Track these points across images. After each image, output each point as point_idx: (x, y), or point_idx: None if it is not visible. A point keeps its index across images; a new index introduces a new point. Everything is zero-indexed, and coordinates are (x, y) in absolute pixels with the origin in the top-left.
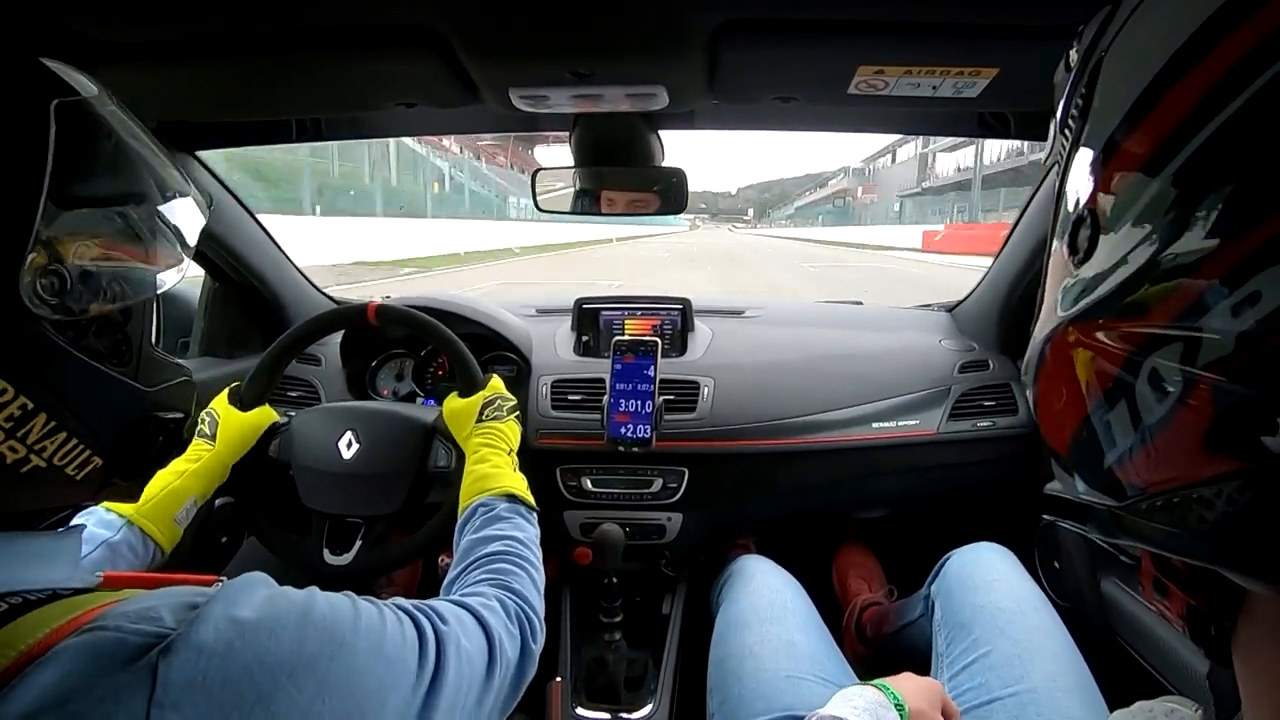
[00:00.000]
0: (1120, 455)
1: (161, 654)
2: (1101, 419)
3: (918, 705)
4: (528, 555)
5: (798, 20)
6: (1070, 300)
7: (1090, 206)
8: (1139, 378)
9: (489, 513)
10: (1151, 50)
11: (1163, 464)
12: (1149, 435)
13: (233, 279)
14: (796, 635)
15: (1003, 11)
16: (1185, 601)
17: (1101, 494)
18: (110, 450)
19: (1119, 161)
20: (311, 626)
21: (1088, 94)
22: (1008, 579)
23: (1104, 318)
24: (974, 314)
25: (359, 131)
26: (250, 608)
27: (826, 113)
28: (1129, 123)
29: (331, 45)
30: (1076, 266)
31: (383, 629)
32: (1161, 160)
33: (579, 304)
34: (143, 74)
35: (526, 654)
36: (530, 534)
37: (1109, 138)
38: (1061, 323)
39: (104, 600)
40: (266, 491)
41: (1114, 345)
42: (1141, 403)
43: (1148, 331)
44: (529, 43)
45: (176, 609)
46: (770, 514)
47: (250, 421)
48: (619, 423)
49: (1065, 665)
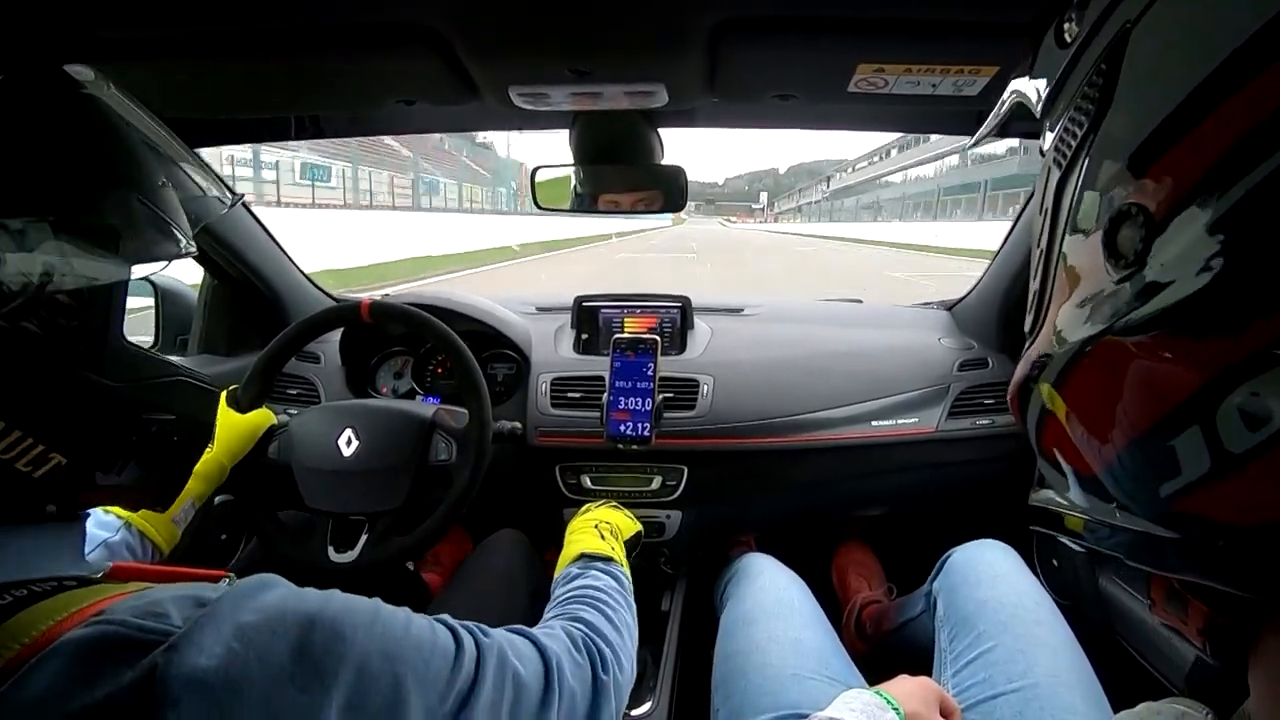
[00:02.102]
0: (1185, 485)
1: (165, 653)
2: (1159, 444)
3: (913, 707)
4: (599, 596)
5: (798, 18)
6: (1113, 309)
7: (1137, 201)
8: (1225, 402)
9: (564, 580)
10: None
11: (1253, 499)
12: (1235, 466)
13: (232, 277)
14: (803, 633)
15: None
16: (1209, 617)
17: (1150, 523)
18: (73, 448)
19: (1186, 150)
20: (319, 630)
21: (1109, 70)
22: (1010, 575)
23: (1170, 332)
24: (973, 312)
25: (358, 129)
26: (257, 609)
27: (826, 111)
28: (1196, 106)
29: (331, 43)
30: (1121, 270)
31: (405, 635)
32: (1257, 151)
33: (578, 302)
34: (142, 70)
35: (599, 685)
36: (606, 582)
37: (1163, 125)
38: (1101, 333)
39: (110, 593)
40: (267, 493)
41: (1187, 363)
42: (1226, 430)
43: (1241, 351)
44: (528, 41)
45: (183, 606)
46: (770, 512)
47: (248, 423)
48: (618, 420)
49: (1068, 661)
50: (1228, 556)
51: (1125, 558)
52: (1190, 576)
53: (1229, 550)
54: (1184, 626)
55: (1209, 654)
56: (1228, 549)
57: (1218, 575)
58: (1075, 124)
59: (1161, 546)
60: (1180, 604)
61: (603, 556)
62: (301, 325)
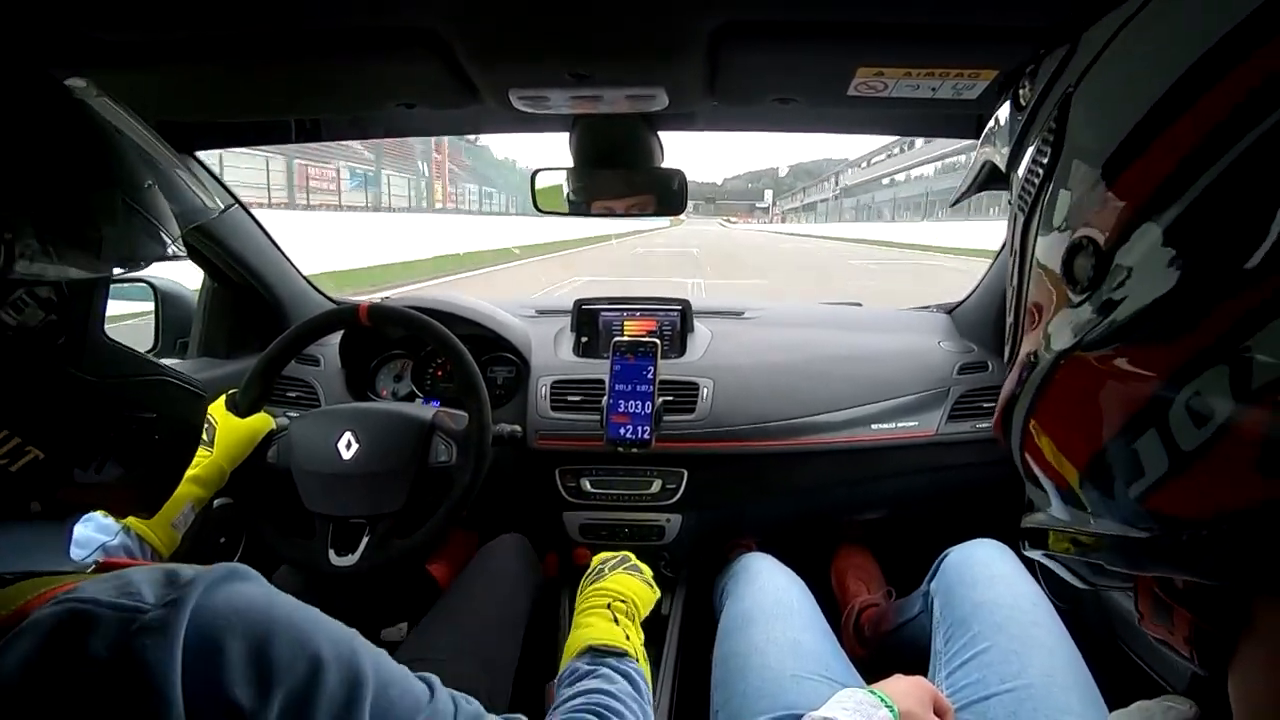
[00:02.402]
0: (1150, 485)
1: (136, 635)
2: (1123, 449)
3: (908, 706)
4: (609, 704)
5: (797, 22)
6: (1075, 330)
7: (1086, 235)
8: (1174, 404)
9: (571, 675)
10: (1140, 87)
11: (1207, 492)
12: (1187, 463)
13: (231, 280)
14: (802, 634)
15: (1002, 14)
16: (1192, 624)
17: (1124, 526)
18: (50, 442)
19: (1121, 192)
20: (281, 630)
21: (1058, 129)
22: (1006, 575)
23: (1122, 345)
24: (973, 316)
25: (358, 132)
26: (228, 598)
27: (826, 114)
28: (1126, 155)
29: (331, 47)
30: (1078, 294)
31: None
32: (1177, 188)
33: (578, 305)
34: (142, 74)
35: None
36: (621, 686)
37: (1103, 168)
38: (1064, 353)
39: (83, 577)
40: (267, 497)
41: (1139, 371)
42: (1177, 430)
43: (1181, 357)
44: (529, 44)
45: (155, 584)
46: (769, 515)
47: (248, 428)
48: (618, 424)
49: (1063, 661)
50: (1193, 548)
51: (1105, 564)
52: (1164, 572)
53: (1193, 542)
54: (1170, 637)
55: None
56: (1192, 541)
57: (1187, 568)
58: (1033, 175)
59: (1135, 547)
60: (1166, 614)
61: (615, 651)
62: (300, 329)
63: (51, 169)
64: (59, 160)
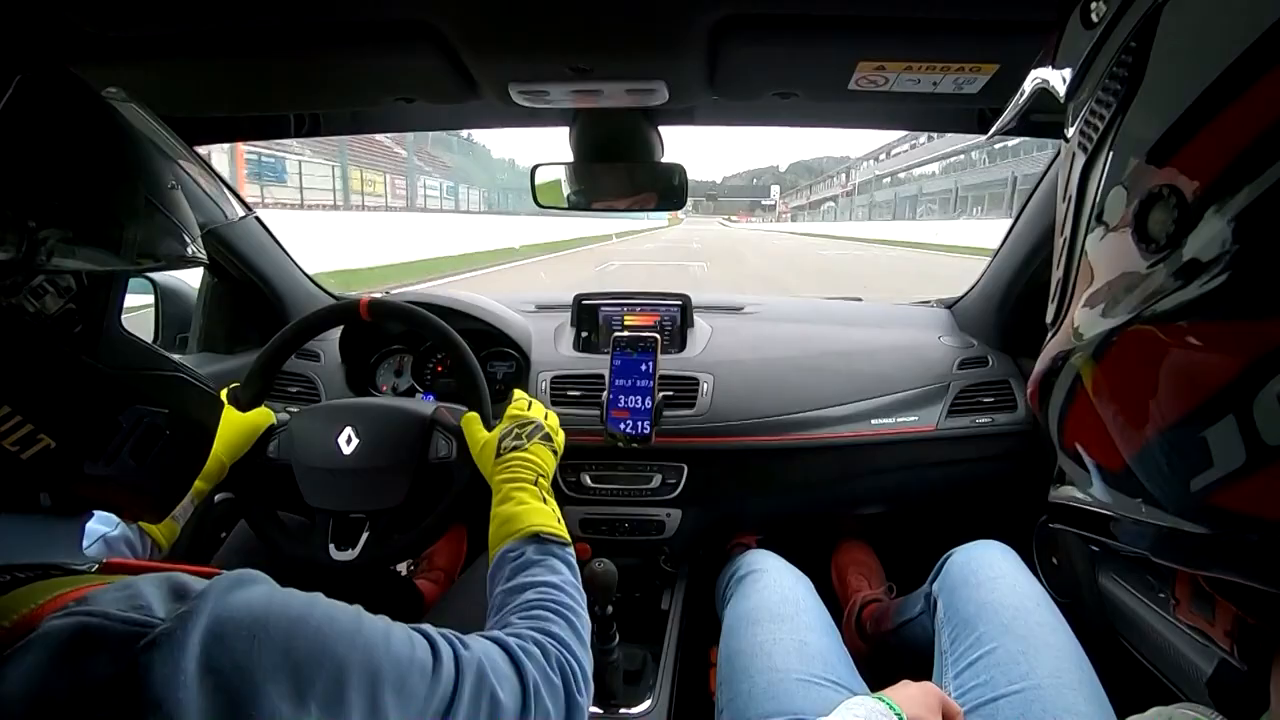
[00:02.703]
0: (1219, 479)
1: (145, 649)
2: (1190, 436)
3: (916, 713)
4: (564, 600)
5: (798, 16)
6: (1142, 296)
7: (1169, 183)
8: (1263, 390)
9: (518, 559)
10: (1252, 2)
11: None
12: (1270, 458)
13: (232, 275)
14: (808, 635)
15: (1003, 7)
16: (1237, 618)
17: (1178, 518)
18: (62, 431)
19: (1221, 129)
20: (302, 635)
21: (1139, 50)
22: (1011, 576)
23: (1204, 318)
24: (973, 310)
25: (356, 127)
26: (241, 607)
27: (827, 109)
28: (1230, 84)
29: (330, 41)
30: (1151, 255)
31: (386, 645)
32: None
33: (578, 300)
34: (140, 69)
35: (574, 707)
36: (566, 576)
37: (1196, 103)
38: (1129, 322)
39: (92, 581)
40: (268, 492)
41: (1222, 351)
42: (1263, 420)
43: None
44: (528, 38)
45: (165, 597)
46: (769, 510)
47: (248, 422)
48: (618, 419)
49: (1070, 662)
50: (1261, 552)
51: (1151, 554)
52: (1220, 573)
53: (1263, 546)
54: (1210, 628)
55: (1236, 657)
56: (1262, 544)
57: (1250, 572)
58: (1103, 106)
59: (1190, 542)
60: (1207, 604)
61: (559, 540)
62: (301, 324)
63: (75, 164)
64: (83, 155)
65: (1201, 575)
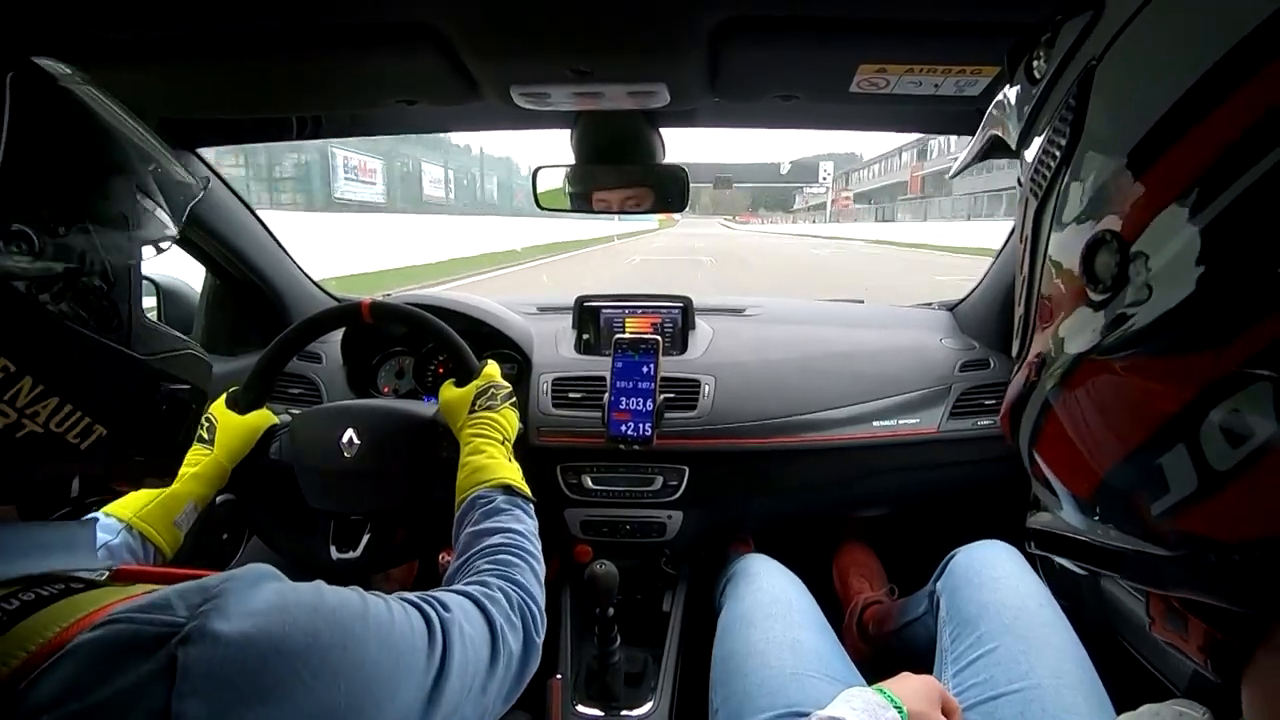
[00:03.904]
0: (1176, 504)
1: (180, 644)
2: (1147, 463)
3: (917, 706)
4: (528, 547)
5: (799, 18)
6: (1095, 331)
7: (1110, 230)
8: (1208, 419)
9: (487, 505)
10: (1180, 59)
11: (1241, 515)
12: (1220, 484)
13: (233, 276)
14: (802, 633)
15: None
16: (1208, 634)
17: (1140, 540)
18: (113, 419)
19: (1153, 179)
20: (323, 618)
21: (1077, 106)
22: (1015, 576)
23: (1151, 351)
24: (975, 312)
25: (359, 129)
26: (263, 600)
27: (828, 111)
28: (1160, 138)
29: (332, 43)
30: (1099, 293)
31: (391, 620)
32: (1222, 178)
33: (580, 302)
34: (143, 71)
35: (530, 645)
36: (529, 526)
37: (1131, 155)
38: (1084, 354)
39: (115, 596)
40: (269, 494)
41: (1170, 382)
42: (1209, 448)
43: (1218, 370)
44: (530, 40)
45: (188, 600)
46: (771, 512)
47: (248, 425)
48: (619, 421)
49: (1071, 662)
50: (1219, 571)
51: (1121, 576)
52: (1185, 593)
53: (1220, 565)
54: (1184, 644)
55: (1210, 671)
56: (1219, 564)
57: (1211, 590)
58: (1049, 156)
59: (1156, 564)
60: (1180, 621)
61: (525, 494)
62: (301, 326)
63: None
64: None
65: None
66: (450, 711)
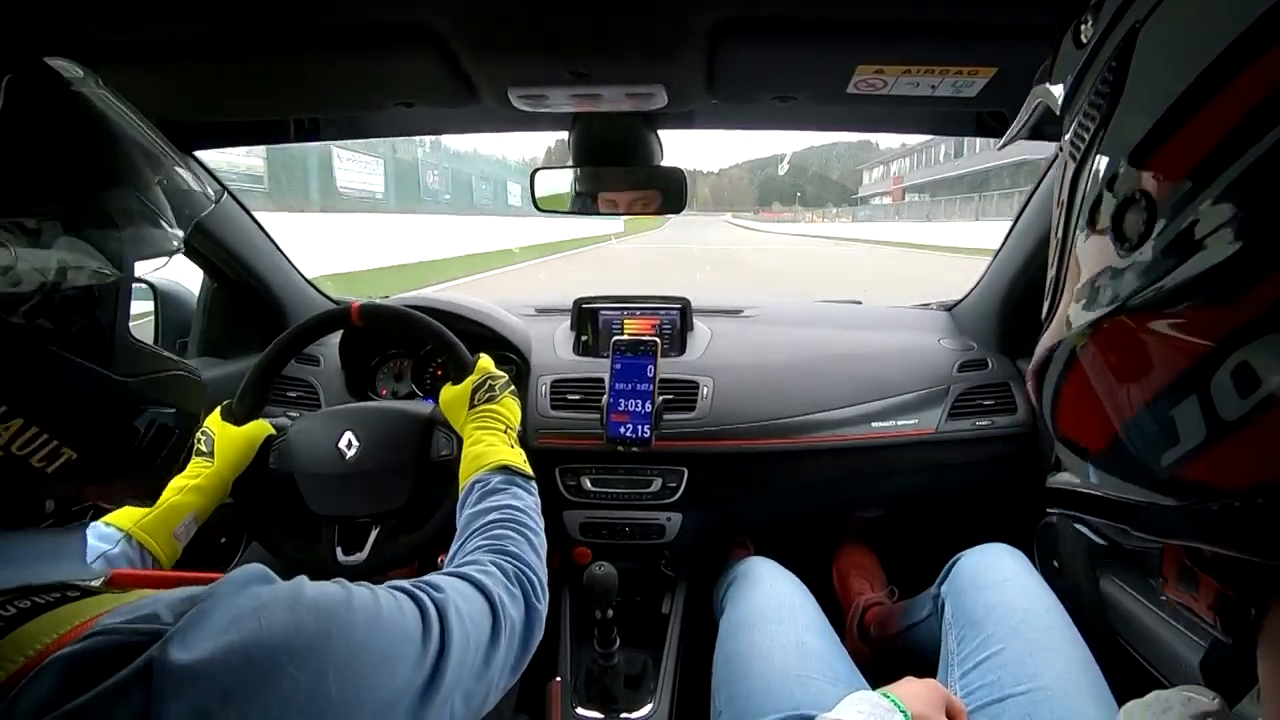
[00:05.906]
0: (1184, 454)
1: (159, 647)
2: (1160, 415)
3: (921, 710)
4: (524, 520)
5: (797, 19)
6: (1118, 290)
7: (1141, 188)
8: (1218, 372)
9: (484, 487)
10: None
11: (1244, 463)
12: (1225, 432)
13: (231, 279)
14: (805, 636)
15: (1001, 11)
16: (1218, 591)
17: (1151, 492)
18: (83, 442)
19: (1182, 140)
20: (304, 609)
21: (1119, 69)
22: (1021, 579)
23: (1169, 308)
24: (973, 313)
25: (357, 131)
26: (244, 603)
27: (825, 112)
28: (1192, 100)
29: (329, 45)
30: (1126, 253)
31: (377, 606)
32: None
33: (578, 304)
34: (140, 73)
35: (532, 613)
36: (528, 501)
37: (1165, 114)
38: (1108, 314)
39: (111, 604)
40: (272, 503)
41: (1184, 337)
42: (1219, 398)
43: (1233, 323)
44: (527, 42)
45: (175, 606)
46: (770, 513)
47: (246, 435)
48: (618, 422)
49: (1077, 664)
50: (1223, 519)
51: (1133, 529)
52: (1192, 542)
53: (1224, 512)
54: (1195, 603)
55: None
56: (1223, 511)
57: (1216, 539)
58: (1089, 119)
59: (1165, 515)
60: (1191, 580)
61: (525, 474)
62: (292, 333)
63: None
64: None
65: (1179, 547)
66: (452, 688)
